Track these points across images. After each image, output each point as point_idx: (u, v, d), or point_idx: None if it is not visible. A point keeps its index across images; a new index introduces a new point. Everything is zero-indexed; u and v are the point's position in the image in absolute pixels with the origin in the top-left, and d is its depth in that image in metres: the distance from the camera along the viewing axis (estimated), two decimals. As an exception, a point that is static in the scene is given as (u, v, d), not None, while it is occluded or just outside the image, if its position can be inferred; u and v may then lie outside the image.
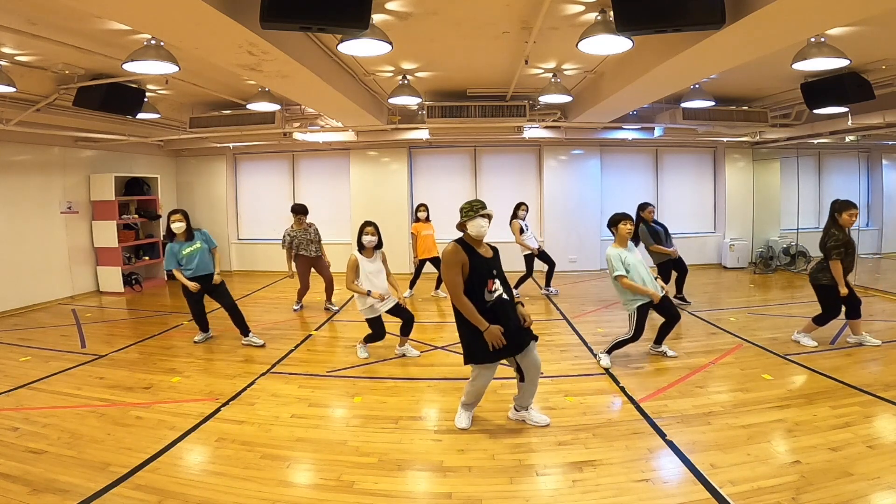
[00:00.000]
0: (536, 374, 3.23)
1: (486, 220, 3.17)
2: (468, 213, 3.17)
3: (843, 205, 4.48)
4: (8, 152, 6.74)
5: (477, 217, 3.14)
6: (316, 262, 6.52)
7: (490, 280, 3.08)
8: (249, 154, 9.94)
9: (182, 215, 4.98)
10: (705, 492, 2.53)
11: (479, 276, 3.06)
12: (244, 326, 5.10)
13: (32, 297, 6.98)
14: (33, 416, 3.51)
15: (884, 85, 5.54)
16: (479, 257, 3.12)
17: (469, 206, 3.19)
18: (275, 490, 2.64)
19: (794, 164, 9.39)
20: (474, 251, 3.12)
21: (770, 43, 3.68)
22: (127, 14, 3.13)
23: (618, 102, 6.12)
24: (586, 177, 9.38)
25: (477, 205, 3.18)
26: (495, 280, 3.10)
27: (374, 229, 4.55)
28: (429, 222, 7.21)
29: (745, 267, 9.29)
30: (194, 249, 4.95)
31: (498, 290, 3.09)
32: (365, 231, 4.53)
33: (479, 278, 3.06)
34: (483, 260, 3.13)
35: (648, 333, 4.46)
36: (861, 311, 4.62)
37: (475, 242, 3.17)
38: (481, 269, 3.08)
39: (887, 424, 3.20)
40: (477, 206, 3.17)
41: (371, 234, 4.51)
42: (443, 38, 4.52)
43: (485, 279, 3.07)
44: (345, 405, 3.74)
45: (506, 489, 2.63)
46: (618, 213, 4.37)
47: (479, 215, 3.14)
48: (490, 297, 3.05)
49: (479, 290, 3.05)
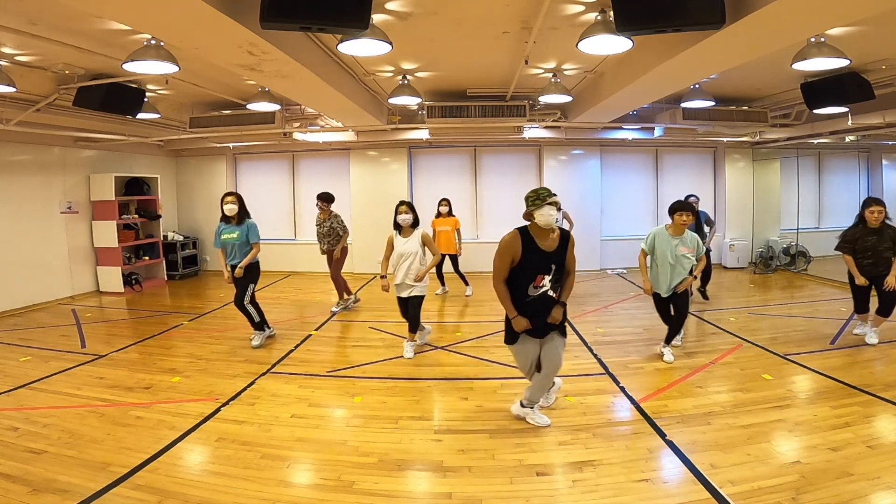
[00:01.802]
0: (551, 368, 3.21)
1: (555, 208, 3.00)
2: (534, 202, 3.00)
3: (866, 202, 4.52)
4: (8, 152, 6.74)
5: (544, 206, 2.97)
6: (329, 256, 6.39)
7: (540, 276, 3.04)
8: (249, 154, 9.94)
9: (235, 198, 4.92)
10: (705, 492, 2.53)
11: (530, 269, 3.03)
12: (253, 324, 5.06)
13: (32, 297, 6.98)
14: (33, 416, 3.50)
15: (884, 85, 5.54)
16: (536, 251, 3.02)
17: (535, 194, 3.03)
18: (275, 490, 2.64)
19: (794, 164, 9.38)
20: (533, 243, 3.02)
21: (770, 43, 3.68)
22: (127, 14, 3.13)
23: (618, 102, 6.12)
24: (586, 177, 9.37)
25: (543, 192, 3.02)
26: (545, 277, 3.04)
27: (407, 207, 4.60)
28: (450, 217, 7.08)
29: (745, 267, 9.29)
30: (230, 237, 4.90)
31: (545, 287, 3.05)
32: (399, 210, 4.61)
33: (530, 272, 3.03)
34: (540, 254, 3.03)
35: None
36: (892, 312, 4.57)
37: (541, 232, 3.04)
38: (535, 263, 3.03)
39: (887, 424, 3.20)
40: (543, 195, 3.00)
41: (405, 213, 4.58)
42: (443, 38, 4.52)
43: (535, 274, 3.04)
44: (345, 405, 3.73)
45: (506, 489, 2.63)
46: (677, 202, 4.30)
47: (546, 203, 2.97)
48: (535, 292, 3.06)
49: (524, 283, 3.04)
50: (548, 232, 3.05)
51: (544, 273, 3.05)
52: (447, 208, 7.09)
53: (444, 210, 7.09)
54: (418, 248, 4.58)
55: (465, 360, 4.62)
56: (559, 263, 3.09)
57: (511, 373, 4.14)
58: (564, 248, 3.12)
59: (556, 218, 3.06)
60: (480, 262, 8.50)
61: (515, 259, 3.02)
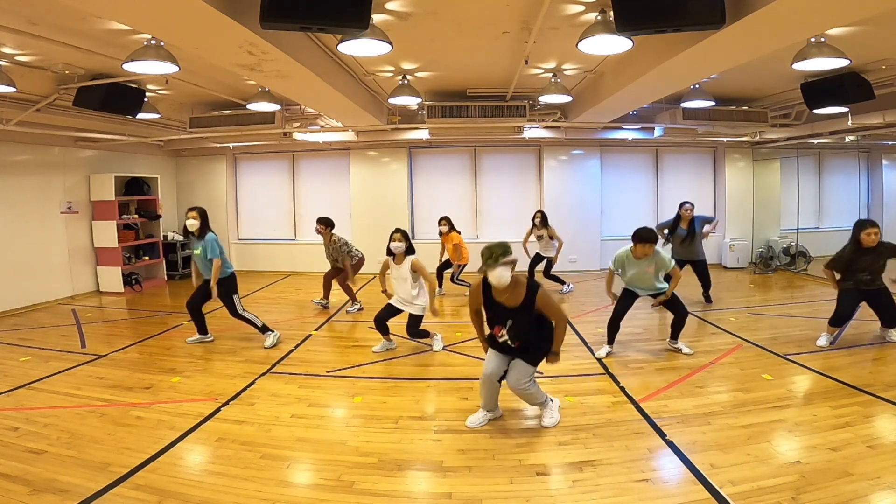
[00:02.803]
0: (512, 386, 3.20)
1: (509, 268, 2.93)
2: (487, 261, 2.93)
3: (861, 224, 4.48)
4: (8, 152, 6.74)
5: (497, 266, 2.90)
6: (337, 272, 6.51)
7: (498, 327, 3.15)
8: (249, 154, 9.94)
9: (197, 213, 4.92)
10: (705, 492, 2.52)
11: (491, 317, 3.20)
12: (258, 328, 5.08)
13: (32, 297, 6.98)
14: (33, 416, 3.50)
15: (884, 85, 5.54)
16: (494, 304, 3.11)
17: (490, 252, 2.93)
18: (275, 490, 2.64)
19: (794, 164, 9.38)
20: (491, 297, 3.10)
21: (770, 43, 3.68)
22: (127, 14, 3.13)
23: (618, 102, 6.12)
24: (586, 177, 9.37)
25: (497, 251, 2.91)
26: (502, 329, 3.11)
27: (401, 236, 4.64)
28: (452, 233, 6.99)
29: (745, 267, 9.29)
30: (196, 253, 4.98)
31: (504, 337, 3.14)
32: (393, 238, 4.64)
33: (491, 320, 3.20)
34: (498, 308, 3.10)
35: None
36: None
37: (496, 290, 3.05)
38: (494, 313, 3.16)
39: (887, 424, 3.20)
40: (497, 254, 2.91)
41: (398, 241, 4.62)
42: (443, 38, 4.52)
43: (493, 325, 3.18)
44: (345, 405, 3.73)
45: (506, 489, 2.63)
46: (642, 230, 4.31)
47: (498, 265, 2.90)
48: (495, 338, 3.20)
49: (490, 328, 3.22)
50: (502, 290, 3.03)
51: (501, 326, 3.12)
52: (447, 227, 7.03)
53: (444, 229, 7.02)
54: (409, 276, 4.62)
55: (465, 360, 4.62)
56: (518, 318, 3.05)
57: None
58: (529, 305, 3.00)
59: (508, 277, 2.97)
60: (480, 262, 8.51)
61: (480, 307, 3.23)
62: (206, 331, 5.24)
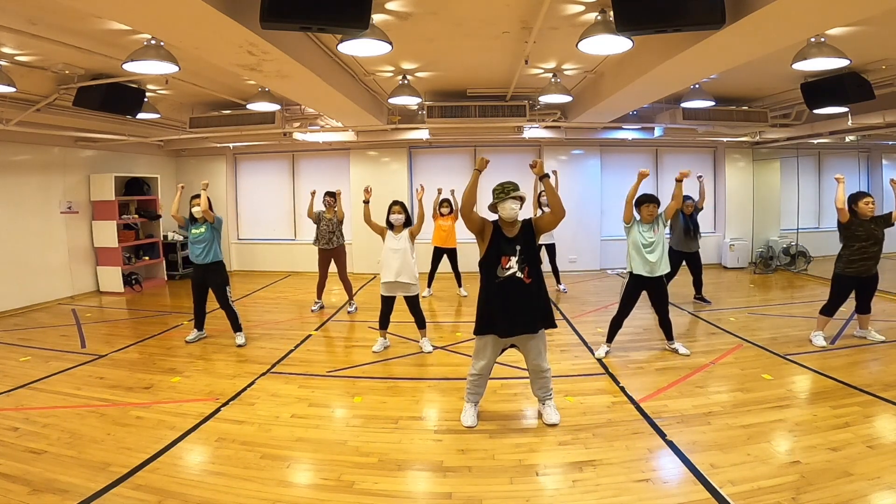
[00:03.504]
0: (535, 371, 3.24)
1: (518, 203, 3.15)
2: (499, 196, 3.16)
3: (859, 195, 4.60)
4: (8, 152, 6.74)
5: (507, 199, 3.13)
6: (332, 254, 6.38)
7: (505, 257, 3.12)
8: (249, 154, 9.93)
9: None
10: (705, 492, 2.52)
11: (496, 250, 3.14)
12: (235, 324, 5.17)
13: (32, 297, 6.98)
14: (33, 416, 3.50)
15: (884, 85, 5.55)
16: (503, 236, 3.17)
17: (501, 187, 3.18)
18: (275, 490, 2.64)
19: (794, 164, 9.38)
20: (500, 231, 3.17)
21: (770, 43, 3.68)
22: (127, 14, 3.13)
23: (618, 102, 6.12)
24: (586, 177, 9.37)
25: (509, 187, 3.16)
26: (510, 258, 3.11)
27: (400, 208, 4.76)
28: (451, 216, 7.03)
29: (745, 267, 9.29)
30: (195, 233, 5.07)
31: (511, 268, 3.11)
32: (392, 210, 4.75)
33: (496, 252, 3.14)
34: (505, 239, 3.16)
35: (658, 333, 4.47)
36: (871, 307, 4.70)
37: (504, 224, 3.19)
38: (500, 243, 3.14)
39: (887, 424, 3.20)
40: (509, 188, 3.15)
41: (397, 213, 4.73)
42: (443, 38, 4.52)
43: (499, 255, 3.13)
44: (345, 405, 3.73)
45: (506, 489, 2.63)
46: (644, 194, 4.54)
47: (509, 197, 3.13)
48: (502, 273, 3.12)
49: (493, 265, 3.13)
50: (510, 224, 3.19)
51: (510, 255, 3.13)
52: (448, 209, 7.08)
53: (446, 211, 7.07)
54: (408, 245, 4.67)
55: (465, 360, 4.61)
56: (524, 243, 3.16)
57: (510, 373, 4.15)
58: (529, 231, 3.19)
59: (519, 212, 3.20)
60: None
61: (485, 236, 3.17)
62: (203, 327, 5.32)
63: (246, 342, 5.13)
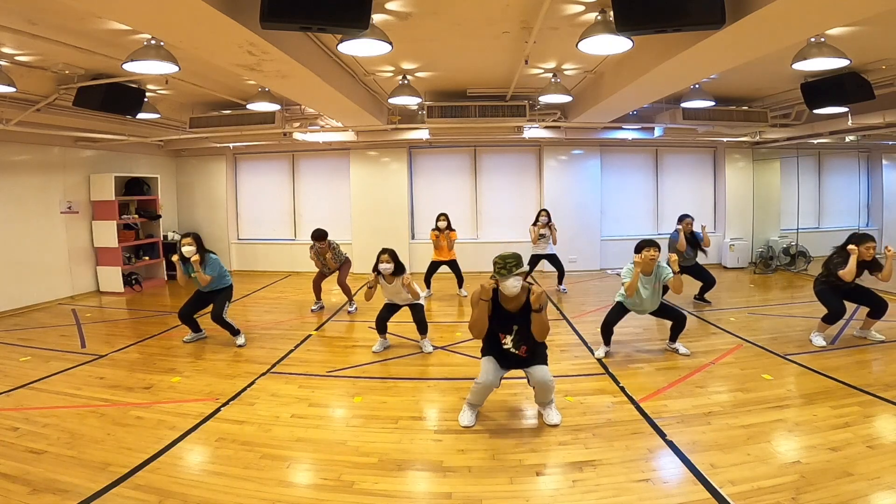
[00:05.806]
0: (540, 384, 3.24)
1: (520, 280, 3.08)
2: (500, 272, 3.06)
3: (860, 238, 4.49)
4: (8, 152, 6.74)
5: (510, 277, 3.04)
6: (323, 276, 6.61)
7: (501, 335, 3.23)
8: (249, 154, 9.93)
9: (192, 239, 4.91)
10: (705, 492, 2.53)
11: (494, 325, 3.22)
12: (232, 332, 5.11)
13: (32, 297, 6.97)
14: (33, 416, 3.50)
15: (884, 85, 5.54)
16: (501, 310, 3.18)
17: (503, 261, 3.06)
18: (275, 490, 2.64)
19: (794, 164, 9.39)
20: (500, 305, 3.18)
21: (770, 43, 3.68)
22: (127, 14, 3.13)
23: (618, 102, 6.12)
24: (586, 177, 9.37)
25: (511, 262, 3.04)
26: (506, 336, 3.20)
27: (388, 257, 4.55)
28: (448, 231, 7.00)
29: (745, 267, 9.29)
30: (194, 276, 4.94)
31: (507, 345, 3.22)
32: (381, 259, 4.57)
33: (497, 327, 3.23)
34: (504, 315, 3.19)
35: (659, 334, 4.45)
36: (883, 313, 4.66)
37: (505, 296, 3.15)
38: (498, 318, 3.20)
39: (887, 424, 3.20)
40: (511, 264, 3.04)
41: (386, 262, 4.55)
42: (443, 38, 4.52)
43: (498, 332, 3.23)
44: (345, 405, 3.73)
45: (506, 489, 2.63)
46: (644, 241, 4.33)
47: (512, 276, 3.04)
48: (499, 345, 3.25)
49: (495, 335, 3.26)
50: (513, 298, 3.15)
51: (506, 334, 3.21)
52: (445, 223, 7.04)
53: (443, 225, 7.03)
54: (401, 291, 4.66)
55: (465, 360, 4.62)
56: (522, 323, 3.16)
57: (510, 373, 4.13)
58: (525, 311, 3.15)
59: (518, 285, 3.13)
60: (480, 262, 8.53)
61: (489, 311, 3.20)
62: (200, 328, 5.29)
63: (246, 342, 5.13)
